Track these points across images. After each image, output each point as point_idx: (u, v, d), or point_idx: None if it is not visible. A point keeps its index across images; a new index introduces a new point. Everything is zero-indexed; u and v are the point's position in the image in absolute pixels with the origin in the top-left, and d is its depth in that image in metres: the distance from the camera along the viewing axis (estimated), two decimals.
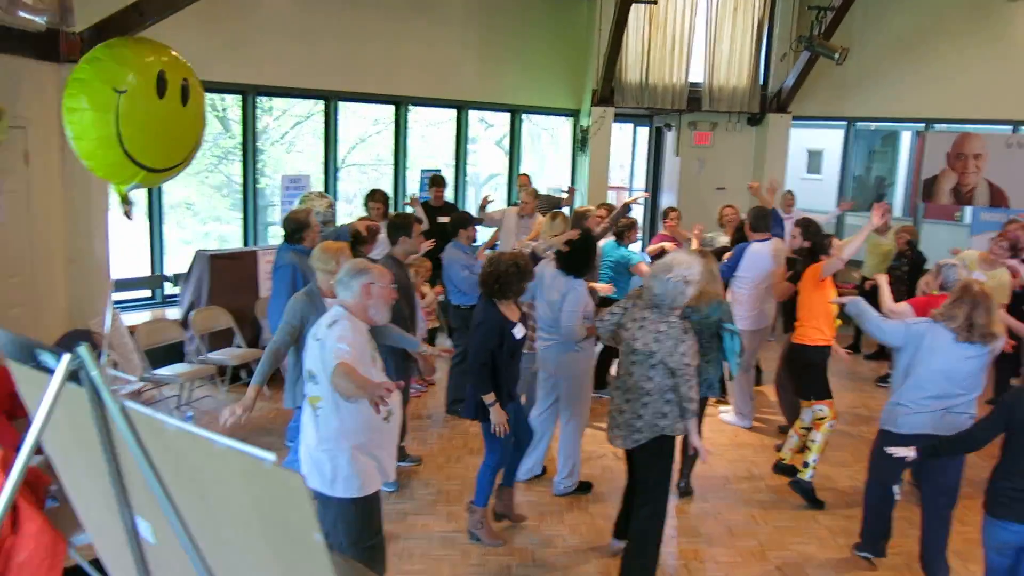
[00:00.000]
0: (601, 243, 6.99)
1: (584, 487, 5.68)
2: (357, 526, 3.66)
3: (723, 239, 7.94)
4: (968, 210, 11.17)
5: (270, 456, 1.39)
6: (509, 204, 9.28)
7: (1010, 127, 10.62)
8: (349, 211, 10.52)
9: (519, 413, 5.06)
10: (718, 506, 5.61)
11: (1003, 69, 10.43)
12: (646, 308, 4.28)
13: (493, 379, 4.66)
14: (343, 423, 3.53)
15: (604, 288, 6.37)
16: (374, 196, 7.49)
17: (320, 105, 9.61)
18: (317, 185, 9.34)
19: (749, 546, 5.08)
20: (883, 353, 8.63)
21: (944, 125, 11.11)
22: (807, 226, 6.39)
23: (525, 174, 9.70)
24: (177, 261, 8.68)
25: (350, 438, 3.54)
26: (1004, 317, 5.79)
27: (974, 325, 4.18)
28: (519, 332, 4.77)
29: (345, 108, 10.15)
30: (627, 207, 7.00)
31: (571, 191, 9.72)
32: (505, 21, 10.71)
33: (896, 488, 4.62)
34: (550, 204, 9.26)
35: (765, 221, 6.88)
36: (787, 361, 6.19)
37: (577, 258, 5.31)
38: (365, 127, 11.75)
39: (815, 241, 6.12)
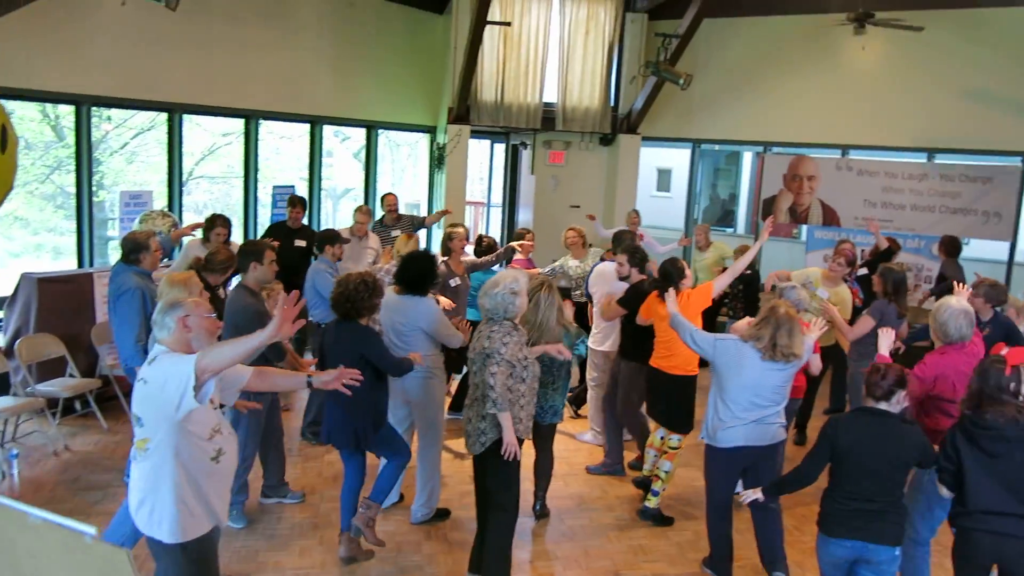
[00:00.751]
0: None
1: (442, 514, 5.62)
2: (188, 572, 3.45)
3: (572, 263, 8.03)
4: (804, 228, 11.88)
5: (90, 530, 1.28)
6: (373, 221, 9.05)
7: (840, 151, 11.36)
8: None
9: (394, 435, 5.01)
10: (574, 527, 5.67)
11: (834, 97, 11.13)
12: (486, 323, 4.51)
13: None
14: (169, 465, 3.32)
15: (447, 303, 6.35)
16: (215, 223, 7.06)
17: (163, 116, 9.14)
18: (160, 199, 8.89)
19: (603, 567, 5.15)
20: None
21: (781, 148, 11.76)
22: (633, 253, 6.24)
23: (392, 194, 9.39)
24: (5, 279, 8.01)
25: (177, 480, 3.33)
26: (847, 330, 6.19)
27: (777, 345, 4.50)
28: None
29: (191, 118, 9.71)
30: (512, 250, 7.26)
31: (441, 213, 9.72)
32: (360, 35, 10.57)
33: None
34: (413, 224, 9.20)
35: (620, 242, 7.07)
36: (648, 384, 6.01)
37: (414, 275, 5.27)
38: (214, 139, 11.31)
39: (669, 272, 5.70)
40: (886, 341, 4.52)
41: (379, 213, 9.58)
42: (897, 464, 3.78)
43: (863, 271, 7.96)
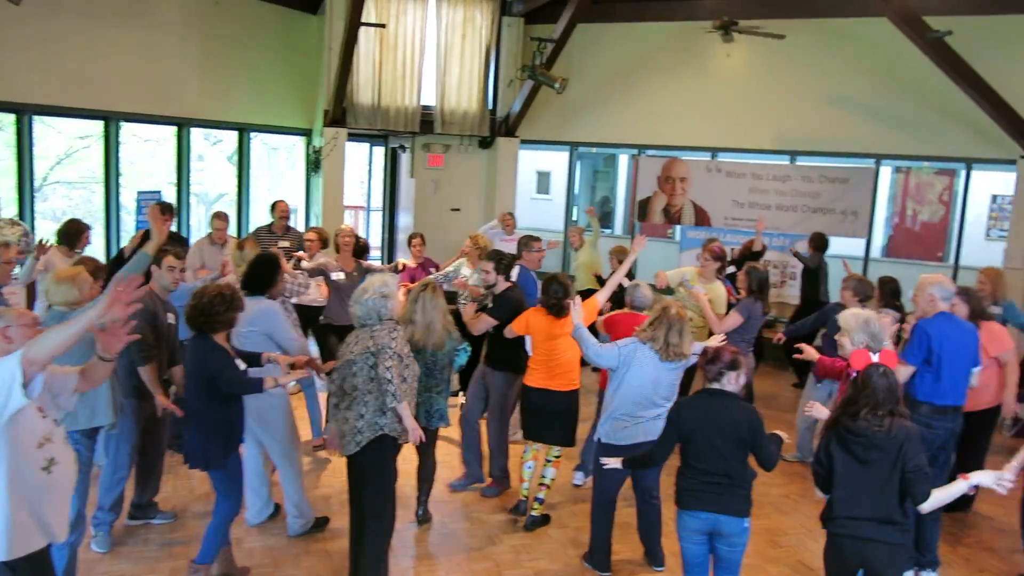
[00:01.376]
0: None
1: (320, 523, 5.47)
2: None
3: (465, 270, 7.98)
4: (678, 229, 12.24)
5: None
6: (259, 229, 8.68)
7: (710, 154, 11.75)
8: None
9: (236, 475, 4.71)
10: (456, 531, 5.64)
11: (704, 101, 11.51)
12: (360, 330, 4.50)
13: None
14: None
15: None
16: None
17: (11, 117, 8.57)
18: (10, 207, 8.34)
19: (485, 568, 5.14)
20: None
21: (655, 151, 12.08)
22: (499, 259, 5.94)
23: (284, 201, 8.84)
24: None
25: (2, 492, 3.10)
26: (715, 322, 6.41)
27: (669, 344, 4.69)
28: (240, 367, 4.51)
29: (43, 120, 9.15)
30: (396, 267, 7.54)
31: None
32: (229, 34, 10.23)
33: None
34: (299, 241, 8.85)
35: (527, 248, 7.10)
36: (530, 406, 5.70)
37: (253, 274, 5.22)
38: (70, 142, 10.71)
39: (547, 290, 5.49)
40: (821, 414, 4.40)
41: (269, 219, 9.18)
42: (735, 440, 3.97)
43: (732, 269, 8.24)
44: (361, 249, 7.46)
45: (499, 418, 6.12)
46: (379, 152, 12.90)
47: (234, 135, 10.98)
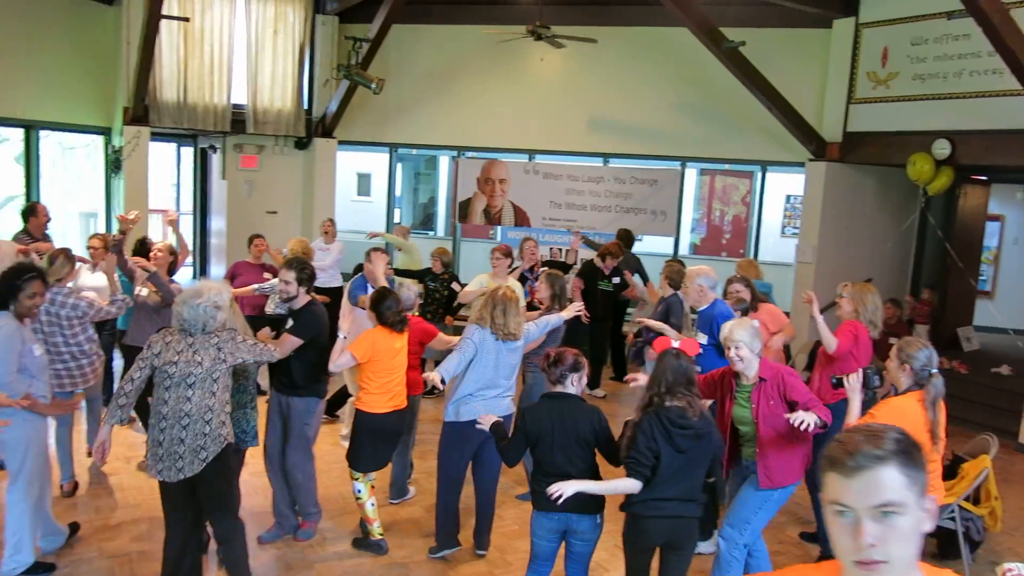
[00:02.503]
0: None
1: (45, 568, 4.80)
2: None
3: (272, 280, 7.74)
4: (499, 229, 12.40)
5: None
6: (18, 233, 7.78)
7: (527, 155, 11.99)
8: None
9: None
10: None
11: (520, 104, 11.74)
12: (180, 336, 4.25)
13: None
14: None
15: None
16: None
17: None
18: None
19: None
20: None
21: (474, 152, 12.18)
22: (301, 268, 5.15)
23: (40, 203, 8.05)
24: None
25: None
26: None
27: (495, 323, 4.91)
28: None
29: None
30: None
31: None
32: (12, 24, 9.38)
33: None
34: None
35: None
36: (370, 434, 5.29)
37: None
38: None
39: (384, 306, 5.16)
40: None
41: None
42: (579, 439, 4.07)
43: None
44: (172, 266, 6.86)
45: (304, 449, 5.37)
46: (188, 153, 12.27)
47: (20, 133, 10.08)
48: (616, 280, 9.04)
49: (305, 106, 11.81)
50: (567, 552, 4.20)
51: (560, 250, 11.23)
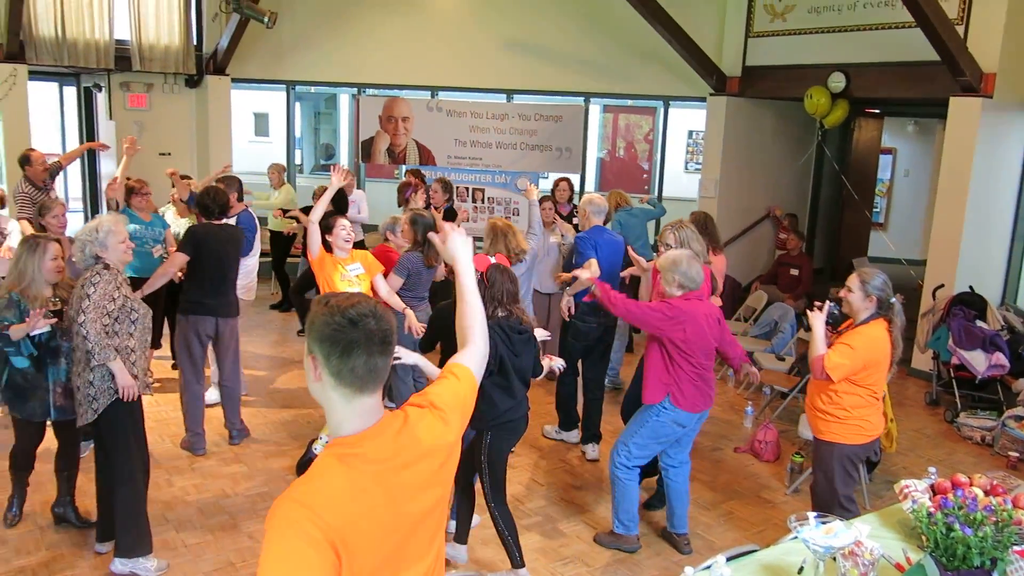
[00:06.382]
0: None
1: None
2: None
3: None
4: (403, 169, 12.17)
5: None
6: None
7: (430, 92, 11.75)
8: None
9: None
10: (187, 488, 5.32)
11: (422, 39, 11.43)
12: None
13: None
14: None
15: None
16: None
17: None
18: None
19: (221, 522, 4.91)
20: None
21: (376, 90, 11.86)
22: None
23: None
24: None
25: None
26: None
27: (510, 249, 5.44)
28: None
29: None
30: None
31: None
32: None
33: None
34: None
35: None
36: None
37: None
38: None
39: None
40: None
41: None
42: None
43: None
44: None
45: None
46: (71, 93, 11.56)
47: None
48: None
49: (195, 42, 11.23)
50: None
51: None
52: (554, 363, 4.67)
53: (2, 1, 9.36)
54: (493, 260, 4.36)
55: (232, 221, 6.42)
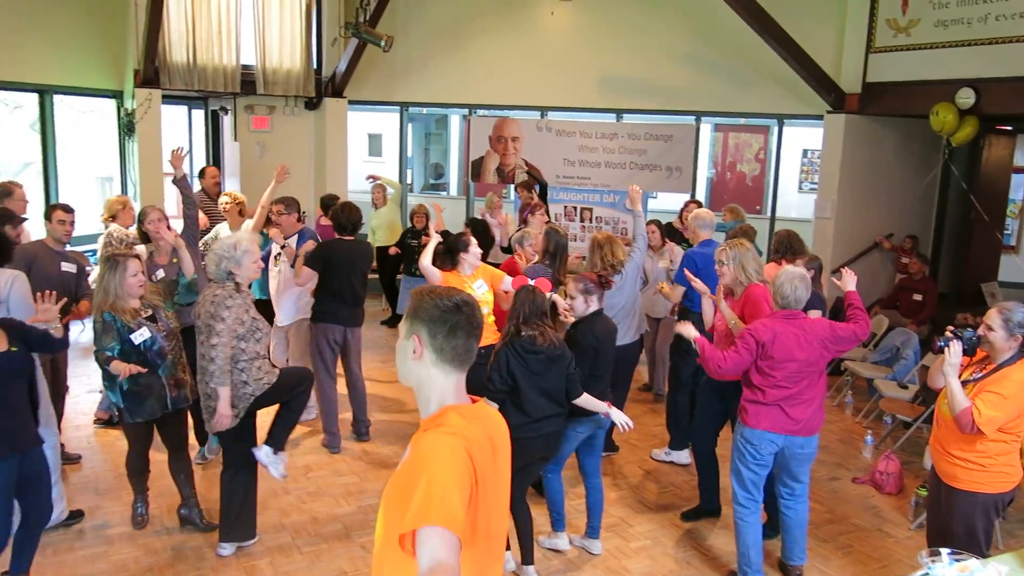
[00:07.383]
0: None
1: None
2: None
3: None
4: (511, 188, 12.28)
5: None
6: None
7: (539, 112, 11.84)
8: None
9: None
10: (302, 496, 5.47)
11: (532, 60, 11.56)
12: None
13: None
14: None
15: None
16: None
17: None
18: None
19: (334, 531, 5.02)
20: None
21: (486, 110, 12.04)
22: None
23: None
24: None
25: None
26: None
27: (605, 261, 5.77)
28: None
29: None
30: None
31: None
32: None
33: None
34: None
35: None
36: None
37: None
38: None
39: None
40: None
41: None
42: None
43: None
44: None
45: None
46: (199, 115, 12.19)
47: (34, 98, 10.02)
48: None
49: (315, 66, 11.68)
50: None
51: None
52: (613, 415, 4.59)
53: (140, 30, 9.96)
54: (531, 283, 4.53)
55: (292, 242, 6.57)
